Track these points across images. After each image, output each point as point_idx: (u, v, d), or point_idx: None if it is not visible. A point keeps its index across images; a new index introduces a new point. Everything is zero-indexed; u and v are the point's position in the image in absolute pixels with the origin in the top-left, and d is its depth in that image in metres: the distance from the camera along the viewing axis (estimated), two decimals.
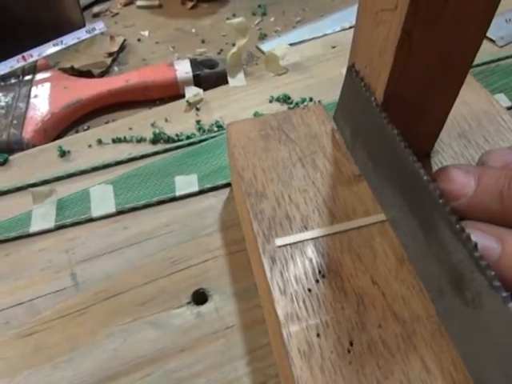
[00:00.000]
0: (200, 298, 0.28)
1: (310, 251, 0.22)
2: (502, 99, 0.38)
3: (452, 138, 0.27)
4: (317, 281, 0.21)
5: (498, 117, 0.28)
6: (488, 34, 0.44)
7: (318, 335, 0.19)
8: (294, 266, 0.22)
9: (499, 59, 0.42)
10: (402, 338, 0.19)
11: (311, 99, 0.40)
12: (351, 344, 0.19)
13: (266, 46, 0.49)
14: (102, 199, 0.33)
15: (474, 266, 0.16)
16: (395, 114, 0.21)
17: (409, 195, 0.20)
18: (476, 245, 0.16)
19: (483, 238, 0.18)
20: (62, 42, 0.46)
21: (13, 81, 0.44)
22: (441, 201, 0.17)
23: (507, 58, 0.42)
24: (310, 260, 0.22)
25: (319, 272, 0.21)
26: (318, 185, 0.25)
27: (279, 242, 0.22)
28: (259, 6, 0.55)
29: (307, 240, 0.23)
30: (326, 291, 0.20)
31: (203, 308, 0.27)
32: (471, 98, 0.29)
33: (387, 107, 0.21)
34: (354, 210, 0.24)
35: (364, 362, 0.18)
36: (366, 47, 0.22)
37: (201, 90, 0.42)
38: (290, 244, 0.22)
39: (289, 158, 0.26)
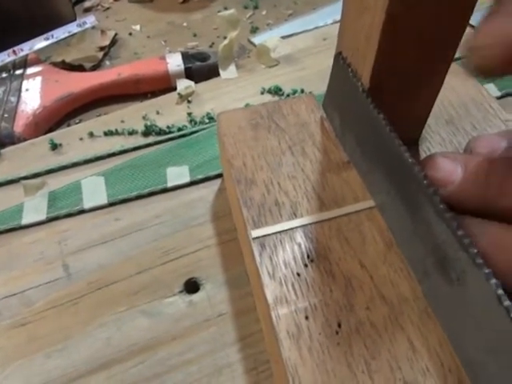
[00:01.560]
0: (192, 286, 0.28)
1: (299, 237, 0.22)
2: (492, 89, 0.38)
3: (440, 125, 0.27)
4: (305, 265, 0.21)
5: (485, 104, 0.28)
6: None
7: (307, 317, 0.19)
8: (282, 251, 0.22)
9: None
10: (390, 320, 0.19)
11: (302, 91, 0.40)
12: (339, 325, 0.19)
13: (257, 39, 0.49)
14: (94, 191, 0.33)
15: (458, 244, 0.16)
16: (381, 99, 0.21)
17: (395, 179, 0.20)
18: (459, 224, 0.16)
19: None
20: (52, 36, 0.46)
21: (3, 75, 0.44)
22: (425, 182, 0.18)
23: None
24: (299, 245, 0.22)
25: (308, 256, 0.21)
26: (307, 172, 0.25)
27: (255, 233, 0.22)
28: (251, 0, 0.56)
29: (296, 227, 0.23)
30: (314, 275, 0.21)
31: (195, 296, 0.28)
32: (459, 86, 0.29)
33: (373, 93, 0.21)
34: (343, 196, 0.24)
35: (352, 342, 0.19)
36: (353, 34, 0.22)
37: (192, 83, 0.42)
38: (270, 234, 0.22)
39: (278, 146, 0.27)
